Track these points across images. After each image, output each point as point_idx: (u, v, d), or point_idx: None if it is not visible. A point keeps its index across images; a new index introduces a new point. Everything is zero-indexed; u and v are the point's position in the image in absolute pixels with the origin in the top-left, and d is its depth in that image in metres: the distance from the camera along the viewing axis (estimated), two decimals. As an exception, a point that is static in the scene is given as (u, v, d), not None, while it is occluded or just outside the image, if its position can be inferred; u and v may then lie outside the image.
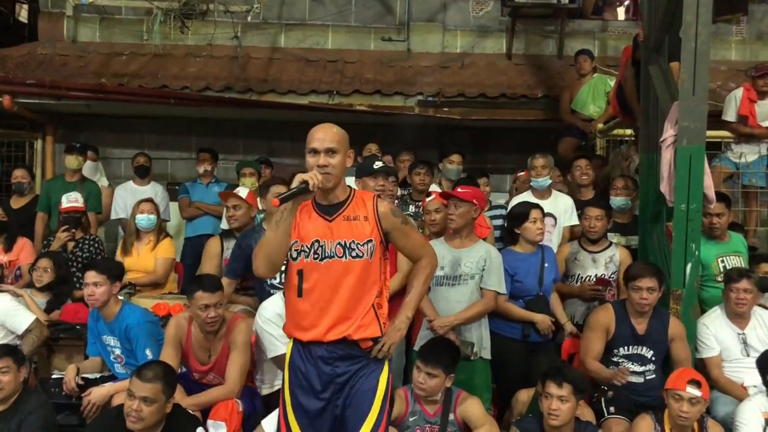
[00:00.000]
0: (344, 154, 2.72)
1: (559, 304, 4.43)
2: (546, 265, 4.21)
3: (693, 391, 3.32)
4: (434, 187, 5.54)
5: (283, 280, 3.84)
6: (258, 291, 4.32)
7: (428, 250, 2.93)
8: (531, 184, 5.24)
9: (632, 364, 3.84)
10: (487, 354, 3.98)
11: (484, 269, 3.94)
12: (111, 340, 3.94)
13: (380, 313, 2.73)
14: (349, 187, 2.82)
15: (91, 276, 3.85)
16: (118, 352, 3.93)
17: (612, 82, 6.49)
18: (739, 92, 5.87)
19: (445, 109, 7.34)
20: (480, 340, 3.95)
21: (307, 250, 2.69)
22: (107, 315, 3.92)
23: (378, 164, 4.08)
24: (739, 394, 3.87)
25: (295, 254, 2.73)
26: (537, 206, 4.33)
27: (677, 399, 3.35)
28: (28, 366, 3.83)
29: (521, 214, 4.26)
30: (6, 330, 4.24)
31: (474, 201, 3.98)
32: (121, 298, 4.14)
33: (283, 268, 2.84)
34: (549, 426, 3.29)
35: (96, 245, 5.34)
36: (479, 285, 3.95)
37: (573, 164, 5.60)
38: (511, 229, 4.29)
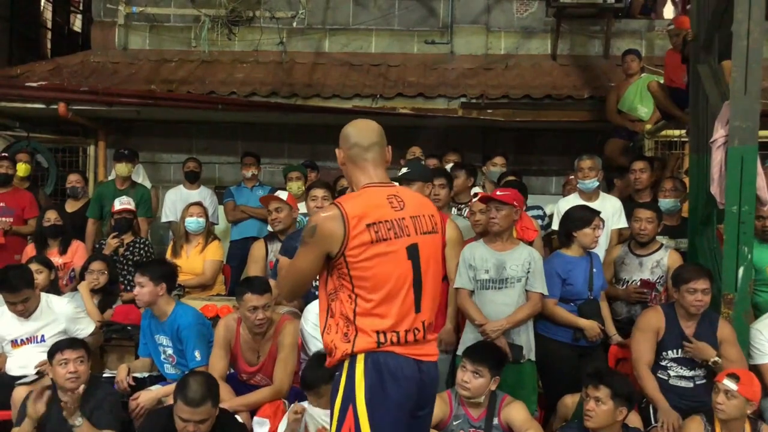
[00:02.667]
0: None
1: (609, 313, 4.36)
2: (594, 270, 4.16)
3: (729, 384, 3.30)
4: (478, 189, 5.53)
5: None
6: (304, 293, 4.38)
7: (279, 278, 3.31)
8: (578, 185, 5.17)
9: (681, 368, 3.77)
10: (533, 356, 3.96)
11: (529, 271, 3.92)
12: (163, 340, 4.03)
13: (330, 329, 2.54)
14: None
15: (137, 277, 3.99)
16: (170, 351, 4.01)
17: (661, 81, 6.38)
18: None
19: (489, 111, 7.30)
20: (528, 342, 3.94)
21: None
22: (160, 314, 4.01)
23: (403, 170, 4.08)
24: (795, 402, 3.76)
25: None
26: (598, 213, 4.27)
27: (716, 391, 3.35)
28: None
29: (583, 218, 4.18)
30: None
31: (514, 203, 3.96)
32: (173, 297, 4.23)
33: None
34: (591, 430, 3.26)
35: (146, 248, 5.47)
36: (525, 287, 3.93)
37: (630, 166, 5.49)
38: (567, 232, 4.22)
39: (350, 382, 2.41)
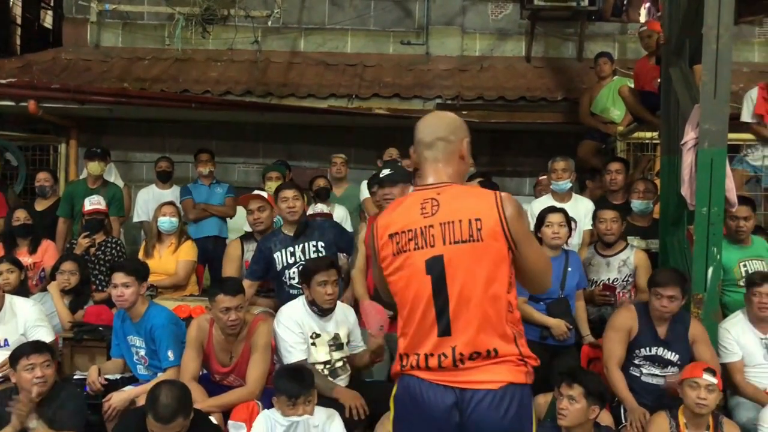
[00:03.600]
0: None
1: (584, 312, 4.40)
2: (570, 269, 4.20)
3: (709, 378, 3.38)
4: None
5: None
6: (278, 292, 4.36)
7: None
8: (551, 187, 5.22)
9: (653, 366, 3.83)
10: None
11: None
12: (136, 341, 3.98)
13: None
14: None
15: (120, 277, 3.89)
16: (142, 353, 3.97)
17: (632, 85, 6.47)
18: (754, 92, 5.83)
19: (464, 112, 7.33)
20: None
21: None
22: (134, 315, 3.96)
23: (384, 172, 4.06)
24: (762, 400, 3.83)
25: None
26: (556, 210, 4.32)
27: (694, 387, 3.40)
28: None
29: (540, 217, 4.26)
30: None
31: None
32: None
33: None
34: (564, 429, 3.30)
35: (118, 248, 5.41)
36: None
37: (605, 167, 5.55)
38: (535, 232, 4.28)
39: (389, 405, 2.28)
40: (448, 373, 2.16)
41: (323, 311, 3.80)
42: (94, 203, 5.47)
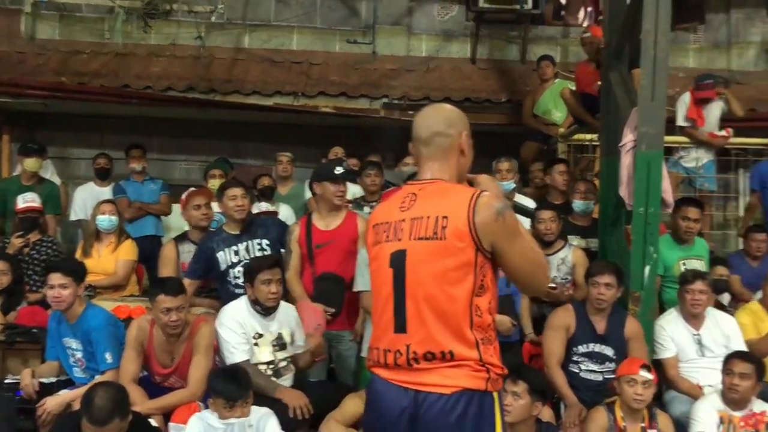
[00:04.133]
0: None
1: (527, 311, 4.48)
2: None
3: (645, 375, 3.49)
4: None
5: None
6: (221, 291, 4.30)
7: None
8: (495, 187, 5.28)
9: (591, 362, 3.93)
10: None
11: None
12: (73, 343, 3.86)
13: None
14: None
15: (57, 278, 3.76)
16: (79, 355, 3.86)
17: (574, 88, 6.62)
18: (686, 96, 6.07)
19: (410, 112, 7.36)
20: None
21: None
22: (70, 316, 3.84)
23: (339, 169, 4.07)
24: (696, 394, 3.96)
25: None
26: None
27: (631, 384, 3.49)
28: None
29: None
30: None
31: None
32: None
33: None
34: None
35: (54, 247, 5.25)
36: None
37: (552, 168, 5.65)
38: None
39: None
40: (404, 373, 2.11)
41: (266, 310, 3.76)
42: (27, 201, 5.30)
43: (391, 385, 2.12)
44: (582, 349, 3.94)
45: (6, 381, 4.00)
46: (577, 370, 3.95)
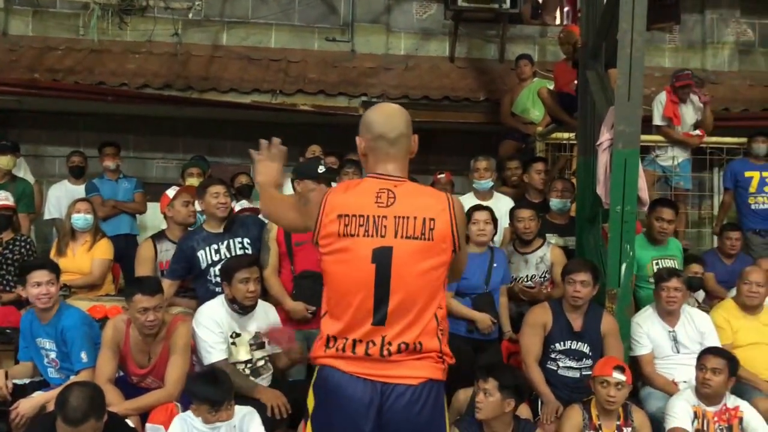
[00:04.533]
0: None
1: (506, 308, 4.50)
2: (495, 265, 4.31)
3: (618, 376, 3.51)
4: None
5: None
6: (200, 290, 4.25)
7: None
8: (473, 185, 5.31)
9: (568, 359, 3.96)
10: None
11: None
12: (46, 343, 3.81)
13: None
14: None
15: (44, 275, 3.72)
16: (53, 356, 3.80)
17: (552, 87, 6.65)
18: (662, 96, 6.13)
19: (389, 110, 7.36)
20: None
21: None
22: (44, 316, 3.79)
23: (322, 169, 4.08)
24: (671, 390, 4.01)
25: None
26: (481, 208, 4.40)
27: (605, 385, 3.52)
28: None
29: (466, 215, 4.33)
30: None
31: None
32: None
33: None
34: (483, 422, 3.36)
35: (27, 246, 5.17)
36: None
37: (531, 167, 5.67)
38: None
39: (308, 394, 2.29)
40: (370, 364, 2.18)
41: (244, 309, 3.74)
42: (0, 199, 5.21)
43: (354, 379, 2.18)
44: (559, 346, 3.97)
45: (-23, 382, 3.93)
46: (554, 368, 3.98)
